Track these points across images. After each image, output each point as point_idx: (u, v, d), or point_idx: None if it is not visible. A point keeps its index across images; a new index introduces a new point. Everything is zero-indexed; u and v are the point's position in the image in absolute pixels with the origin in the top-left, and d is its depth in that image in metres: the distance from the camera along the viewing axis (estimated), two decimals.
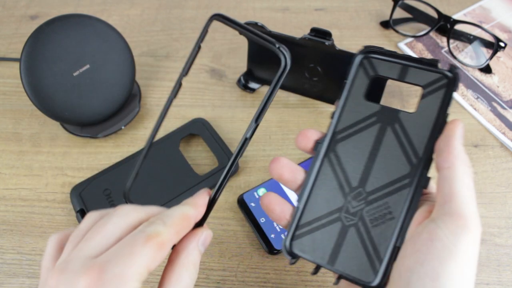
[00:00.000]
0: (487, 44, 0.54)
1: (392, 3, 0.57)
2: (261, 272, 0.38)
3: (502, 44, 0.51)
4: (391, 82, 0.29)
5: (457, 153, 0.25)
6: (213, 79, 0.53)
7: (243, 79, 0.51)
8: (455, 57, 0.54)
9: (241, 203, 0.41)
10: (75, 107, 0.44)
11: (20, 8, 0.61)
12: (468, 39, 0.55)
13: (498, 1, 0.62)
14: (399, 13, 0.58)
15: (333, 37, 0.43)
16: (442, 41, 0.57)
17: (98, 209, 0.26)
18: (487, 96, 0.51)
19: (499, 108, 0.50)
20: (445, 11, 0.57)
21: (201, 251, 0.26)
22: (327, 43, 0.42)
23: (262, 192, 0.42)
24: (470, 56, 0.55)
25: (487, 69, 0.53)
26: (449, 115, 0.27)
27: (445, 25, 0.54)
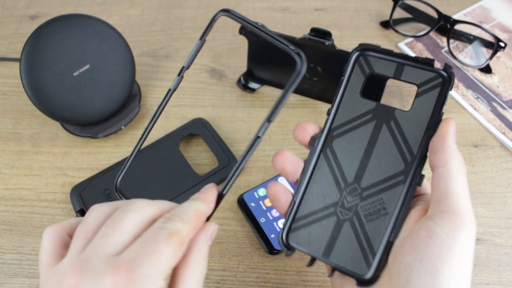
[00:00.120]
0: (487, 44, 0.54)
1: (392, 3, 0.57)
2: (261, 272, 0.38)
3: (502, 44, 0.51)
4: (391, 81, 0.29)
5: (451, 151, 0.25)
6: (213, 79, 0.53)
7: (243, 79, 0.51)
8: (455, 57, 0.54)
9: (241, 203, 0.41)
10: (75, 107, 0.44)
11: (20, 8, 0.61)
12: (468, 39, 0.55)
13: (498, 1, 0.62)
14: (399, 13, 0.58)
15: (333, 37, 0.43)
16: (442, 41, 0.57)
17: None
18: (487, 96, 0.51)
19: (499, 108, 0.50)
20: (445, 11, 0.57)
21: (209, 245, 0.26)
22: (327, 43, 0.42)
23: (262, 192, 0.42)
24: (470, 56, 0.55)
25: (487, 69, 0.53)
26: (444, 114, 0.27)
27: (445, 25, 0.54)
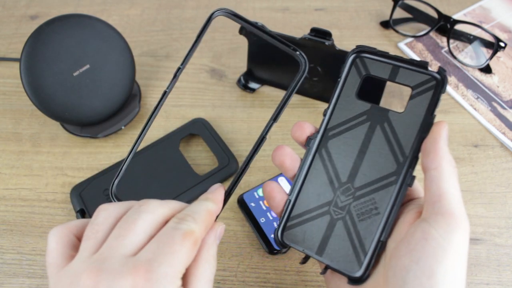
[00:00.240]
0: (487, 44, 0.54)
1: (392, 3, 0.57)
2: (261, 272, 0.38)
3: (502, 44, 0.51)
4: (391, 82, 0.29)
5: (443, 154, 0.26)
6: (213, 79, 0.53)
7: (243, 79, 0.51)
8: (455, 57, 0.54)
9: (241, 203, 0.41)
10: (75, 107, 0.44)
11: (20, 8, 0.61)
12: (468, 39, 0.55)
13: (498, 1, 0.62)
14: (399, 13, 0.58)
15: (333, 37, 0.43)
16: (442, 41, 0.57)
17: None
18: (487, 96, 0.51)
19: (499, 108, 0.50)
20: (445, 11, 0.57)
21: (217, 244, 0.26)
22: (327, 43, 0.42)
23: (262, 192, 0.42)
24: (470, 56, 0.55)
25: (487, 69, 0.53)
26: (436, 116, 0.27)
27: (445, 25, 0.54)
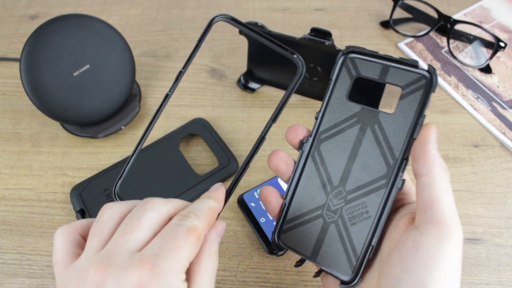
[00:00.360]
0: (487, 44, 0.54)
1: (392, 3, 0.57)
2: (261, 272, 0.38)
3: (502, 44, 0.51)
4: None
5: (433, 159, 0.25)
6: (213, 79, 0.53)
7: (243, 79, 0.51)
8: (455, 57, 0.54)
9: (241, 203, 0.41)
10: (75, 107, 0.44)
11: (20, 8, 0.61)
12: (468, 39, 0.55)
13: (498, 1, 0.62)
14: (399, 13, 0.58)
15: (333, 37, 0.43)
16: (442, 41, 0.57)
17: (98, 209, 0.26)
18: (487, 96, 0.51)
19: (499, 108, 0.50)
20: (445, 11, 0.57)
21: (219, 242, 0.27)
22: (327, 43, 0.42)
23: None
24: (470, 56, 0.55)
25: (487, 69, 0.53)
26: (425, 116, 0.27)
27: (445, 25, 0.54)
